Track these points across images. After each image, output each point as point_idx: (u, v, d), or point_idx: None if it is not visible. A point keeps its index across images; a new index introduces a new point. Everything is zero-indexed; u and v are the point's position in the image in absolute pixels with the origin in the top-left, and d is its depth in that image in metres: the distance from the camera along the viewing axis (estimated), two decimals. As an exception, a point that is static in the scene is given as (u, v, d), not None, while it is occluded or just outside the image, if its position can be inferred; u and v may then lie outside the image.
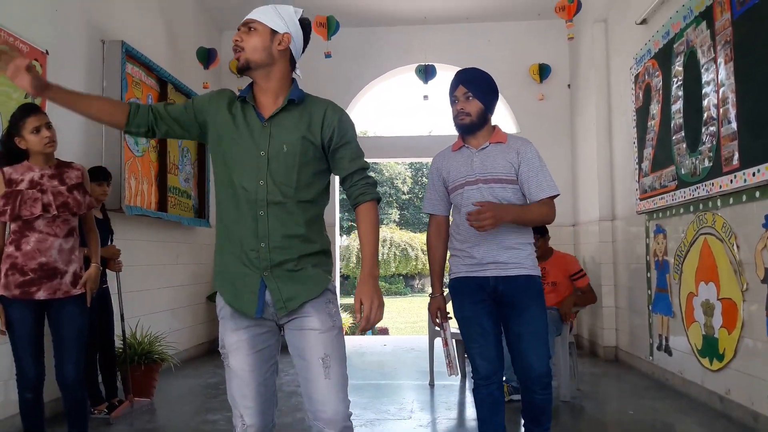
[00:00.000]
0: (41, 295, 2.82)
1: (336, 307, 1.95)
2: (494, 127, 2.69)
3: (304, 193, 1.88)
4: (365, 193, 1.93)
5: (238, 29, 1.90)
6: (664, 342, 4.75)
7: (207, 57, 6.36)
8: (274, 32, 1.88)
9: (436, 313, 2.74)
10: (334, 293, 1.97)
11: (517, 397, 4.26)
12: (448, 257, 2.78)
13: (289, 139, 1.86)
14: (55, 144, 2.91)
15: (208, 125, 1.94)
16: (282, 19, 1.89)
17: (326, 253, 1.96)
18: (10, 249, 2.83)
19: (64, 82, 4.13)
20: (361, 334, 1.94)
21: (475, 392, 2.61)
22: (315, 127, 1.88)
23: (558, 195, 2.58)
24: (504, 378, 4.12)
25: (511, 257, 2.54)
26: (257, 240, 1.84)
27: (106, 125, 2.03)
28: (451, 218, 2.80)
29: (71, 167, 2.99)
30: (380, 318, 1.84)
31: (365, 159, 1.98)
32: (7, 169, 2.85)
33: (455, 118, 2.63)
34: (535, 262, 2.60)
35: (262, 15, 1.88)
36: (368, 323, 1.84)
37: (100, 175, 3.88)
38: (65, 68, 4.15)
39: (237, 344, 1.87)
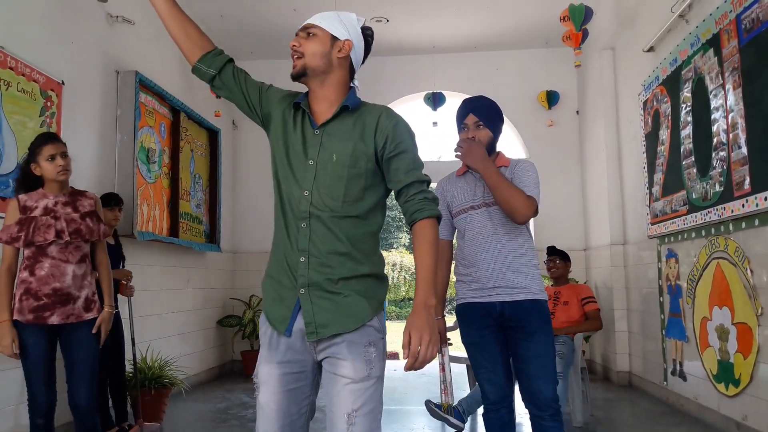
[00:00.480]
0: (54, 319, 2.85)
1: (379, 351, 1.72)
2: (498, 152, 2.69)
3: (353, 208, 1.71)
4: (423, 209, 1.72)
5: (297, 34, 1.80)
6: (678, 367, 4.69)
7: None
8: (334, 38, 1.78)
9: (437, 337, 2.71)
10: (381, 331, 1.74)
11: None
12: (452, 282, 2.78)
13: (340, 148, 1.72)
14: (68, 173, 2.97)
15: (271, 120, 1.83)
16: (344, 26, 1.80)
17: (378, 278, 1.76)
18: (24, 274, 2.86)
19: (80, 111, 4.25)
20: (407, 370, 1.89)
21: (485, 417, 2.60)
22: (368, 134, 1.73)
23: (536, 202, 2.47)
24: None
25: (518, 281, 2.51)
26: (298, 253, 1.70)
27: (180, 49, 1.85)
28: (455, 243, 2.80)
29: (84, 195, 3.05)
30: (433, 356, 1.65)
31: (424, 172, 1.79)
32: (22, 197, 2.91)
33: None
34: (542, 285, 2.58)
35: (323, 20, 1.79)
36: (416, 362, 1.63)
37: (111, 200, 3.93)
38: (81, 98, 4.24)
39: (267, 377, 1.71)
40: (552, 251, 4.82)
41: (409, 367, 1.66)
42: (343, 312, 1.68)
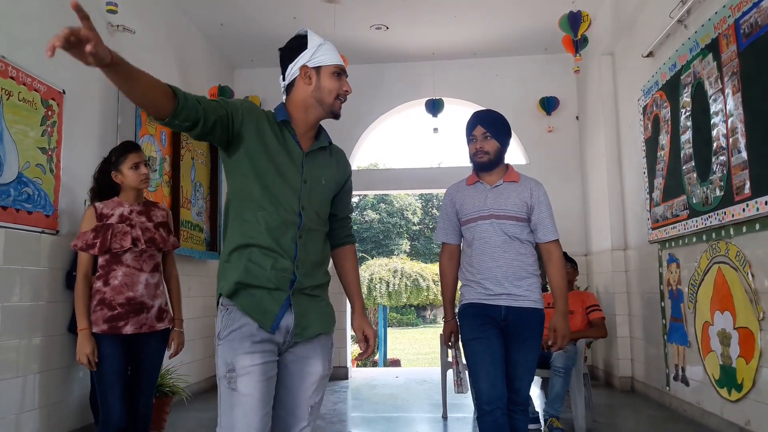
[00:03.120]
0: (128, 329, 2.82)
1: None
2: (507, 165, 2.83)
3: (325, 225, 2.02)
4: (352, 236, 2.17)
5: (340, 73, 2.02)
6: (680, 372, 4.68)
7: (228, 96, 6.46)
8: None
9: (450, 337, 2.84)
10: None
11: (534, 426, 4.21)
12: (459, 285, 2.86)
13: (326, 175, 1.98)
14: (149, 182, 3.01)
15: (243, 137, 1.84)
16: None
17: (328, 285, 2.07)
18: (98, 284, 2.84)
19: (81, 120, 4.26)
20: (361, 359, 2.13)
21: (479, 419, 2.63)
22: (340, 169, 2.06)
23: (558, 242, 2.78)
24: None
25: (522, 290, 2.66)
26: (292, 263, 1.85)
27: (147, 112, 1.68)
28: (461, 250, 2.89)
29: (157, 207, 3.08)
30: (373, 350, 2.07)
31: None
32: (98, 205, 2.91)
33: (473, 156, 2.77)
34: (540, 294, 2.74)
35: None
36: (367, 351, 2.03)
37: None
38: (82, 107, 4.25)
39: (250, 368, 1.76)
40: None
41: (367, 356, 2.06)
42: (324, 315, 1.96)
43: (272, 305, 1.82)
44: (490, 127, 2.74)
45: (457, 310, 2.85)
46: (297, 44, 2.03)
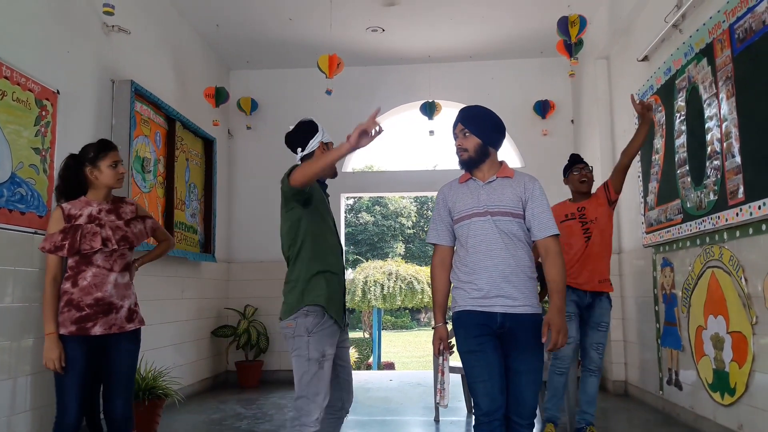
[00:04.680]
0: (97, 330, 2.80)
1: None
2: (501, 162, 2.71)
3: None
4: None
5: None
6: (674, 376, 4.68)
7: (224, 97, 6.42)
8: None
9: (439, 344, 2.70)
10: None
11: None
12: (451, 288, 2.76)
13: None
14: (123, 182, 3.00)
15: (313, 197, 2.78)
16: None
17: None
18: (66, 285, 2.82)
19: (75, 120, 4.24)
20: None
21: (476, 429, 2.56)
22: None
23: (557, 236, 2.59)
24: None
25: (519, 293, 2.53)
26: (344, 282, 2.89)
27: (325, 177, 2.97)
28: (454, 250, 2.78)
29: (125, 202, 3.05)
30: None
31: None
32: (65, 205, 2.87)
33: (456, 153, 2.70)
34: (537, 298, 2.61)
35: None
36: None
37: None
38: (76, 107, 4.23)
39: (331, 356, 2.70)
40: (578, 158, 4.49)
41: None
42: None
43: (341, 311, 2.80)
44: (469, 123, 2.66)
45: (450, 316, 2.76)
46: (310, 128, 2.87)
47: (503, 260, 2.53)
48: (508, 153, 7.48)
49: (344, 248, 7.72)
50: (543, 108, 7.03)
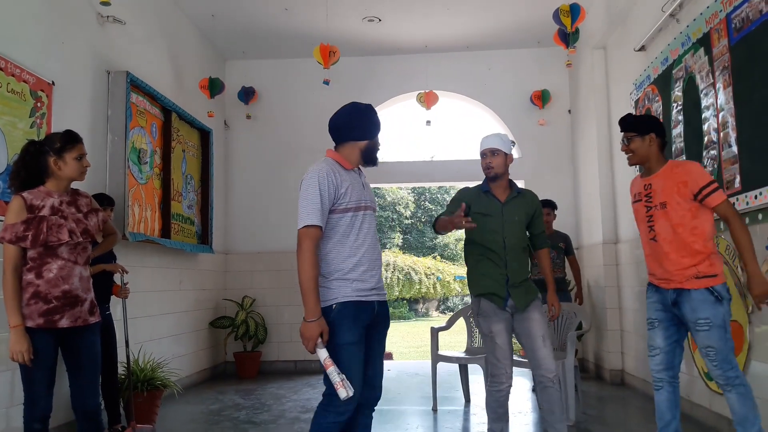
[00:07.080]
0: (64, 323, 2.79)
1: None
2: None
3: None
4: None
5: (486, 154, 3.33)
6: (670, 366, 4.70)
7: (219, 87, 6.40)
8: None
9: (317, 339, 2.44)
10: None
11: None
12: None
13: None
14: (85, 175, 2.98)
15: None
16: None
17: None
18: (29, 276, 2.77)
19: (70, 112, 4.22)
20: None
21: (331, 417, 2.56)
22: None
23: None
24: None
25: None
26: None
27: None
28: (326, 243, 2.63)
29: (80, 194, 3.01)
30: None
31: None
32: (26, 195, 2.80)
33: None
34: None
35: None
36: None
37: (103, 200, 3.90)
38: (71, 98, 4.21)
39: (500, 330, 3.26)
40: (622, 124, 3.27)
41: (553, 318, 3.49)
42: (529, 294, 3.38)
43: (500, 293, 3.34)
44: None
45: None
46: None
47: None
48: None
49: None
50: (546, 97, 7.03)
